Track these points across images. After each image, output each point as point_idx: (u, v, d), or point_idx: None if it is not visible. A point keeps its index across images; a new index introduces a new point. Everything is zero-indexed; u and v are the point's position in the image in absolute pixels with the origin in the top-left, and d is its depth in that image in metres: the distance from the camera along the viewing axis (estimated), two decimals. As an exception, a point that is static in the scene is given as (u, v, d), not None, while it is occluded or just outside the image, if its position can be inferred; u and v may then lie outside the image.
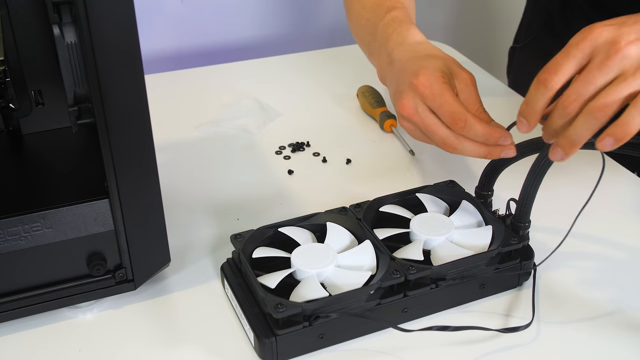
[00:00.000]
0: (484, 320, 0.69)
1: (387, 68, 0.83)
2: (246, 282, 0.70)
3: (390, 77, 0.82)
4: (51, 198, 0.66)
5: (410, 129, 0.77)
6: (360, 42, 0.95)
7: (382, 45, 0.85)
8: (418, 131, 0.76)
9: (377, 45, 0.87)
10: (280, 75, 1.20)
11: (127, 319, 0.70)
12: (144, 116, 0.63)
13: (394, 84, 0.80)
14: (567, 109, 0.63)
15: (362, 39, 0.94)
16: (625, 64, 0.60)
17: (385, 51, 0.84)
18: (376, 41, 0.87)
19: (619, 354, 0.66)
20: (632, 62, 0.60)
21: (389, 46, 0.83)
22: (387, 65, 0.83)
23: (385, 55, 0.84)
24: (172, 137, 1.01)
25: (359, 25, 0.94)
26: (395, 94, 0.78)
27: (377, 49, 0.87)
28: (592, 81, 0.61)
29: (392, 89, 0.81)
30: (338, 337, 0.67)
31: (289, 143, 1.00)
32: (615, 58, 0.60)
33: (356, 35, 0.97)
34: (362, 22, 0.93)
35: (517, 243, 0.71)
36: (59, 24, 0.59)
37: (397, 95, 0.77)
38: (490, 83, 1.18)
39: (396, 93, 0.78)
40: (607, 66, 0.61)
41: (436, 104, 0.72)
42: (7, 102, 0.69)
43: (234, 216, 0.85)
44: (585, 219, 0.84)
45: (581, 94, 0.62)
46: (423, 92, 0.73)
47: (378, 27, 0.87)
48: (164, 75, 1.21)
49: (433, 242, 0.72)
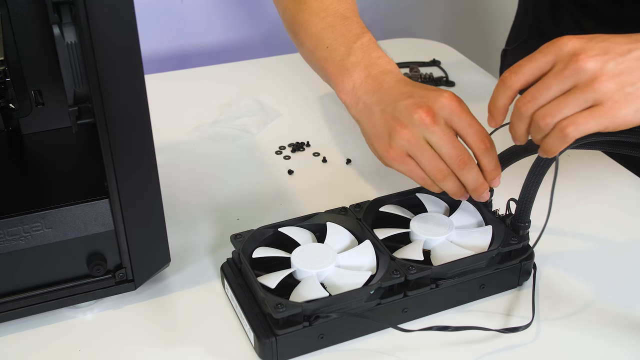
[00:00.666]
0: (484, 320, 0.69)
1: (368, 93, 0.77)
2: (246, 282, 0.70)
3: (377, 100, 0.75)
4: (51, 198, 0.66)
5: (411, 149, 0.72)
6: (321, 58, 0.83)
7: (363, 69, 0.78)
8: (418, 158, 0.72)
9: (348, 69, 0.79)
10: (280, 75, 1.20)
11: (127, 319, 0.70)
12: (144, 116, 0.63)
13: (384, 107, 0.74)
14: (521, 110, 0.64)
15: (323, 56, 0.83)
16: (580, 77, 0.61)
17: (370, 75, 0.78)
18: (348, 63, 0.79)
19: (619, 354, 0.66)
20: (587, 76, 0.61)
21: (370, 70, 0.78)
22: (371, 91, 0.76)
23: (370, 79, 0.77)
24: (172, 137, 1.01)
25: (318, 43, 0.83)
26: (392, 120, 0.72)
27: (349, 72, 0.79)
28: (547, 87, 0.63)
29: (378, 115, 0.74)
30: (338, 337, 0.67)
31: (289, 143, 1.00)
32: (571, 68, 0.62)
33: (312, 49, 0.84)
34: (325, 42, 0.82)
35: (517, 243, 0.71)
36: (59, 24, 0.59)
37: (393, 120, 0.72)
38: (489, 82, 1.18)
39: (393, 119, 0.72)
40: (563, 75, 0.62)
41: (468, 120, 0.70)
42: (7, 102, 0.69)
43: (234, 216, 0.85)
44: (585, 218, 0.85)
45: (535, 97, 0.64)
46: (454, 107, 0.70)
47: (352, 48, 0.80)
48: (164, 75, 1.21)
49: (433, 242, 0.72)
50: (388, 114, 0.73)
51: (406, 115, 0.71)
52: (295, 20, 0.85)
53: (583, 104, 0.62)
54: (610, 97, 0.61)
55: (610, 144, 0.70)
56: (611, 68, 0.61)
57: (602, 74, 0.61)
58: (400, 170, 0.73)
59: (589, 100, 0.61)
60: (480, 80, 1.19)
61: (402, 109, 0.72)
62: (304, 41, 0.84)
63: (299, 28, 0.85)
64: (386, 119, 0.73)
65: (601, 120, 0.61)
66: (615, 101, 0.61)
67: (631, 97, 0.61)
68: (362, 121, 0.77)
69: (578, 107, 0.62)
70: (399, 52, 1.27)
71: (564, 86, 0.62)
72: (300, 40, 0.85)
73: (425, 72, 1.19)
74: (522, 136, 0.67)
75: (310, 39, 0.83)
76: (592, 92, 0.61)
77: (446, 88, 1.16)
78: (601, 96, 0.61)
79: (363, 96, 0.77)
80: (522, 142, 0.68)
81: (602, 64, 0.61)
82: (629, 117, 0.61)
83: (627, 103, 0.61)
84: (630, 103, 0.61)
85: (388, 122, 0.73)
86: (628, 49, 0.62)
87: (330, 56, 0.80)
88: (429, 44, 1.34)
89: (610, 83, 0.61)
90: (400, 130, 0.71)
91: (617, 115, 0.61)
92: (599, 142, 0.70)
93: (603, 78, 0.61)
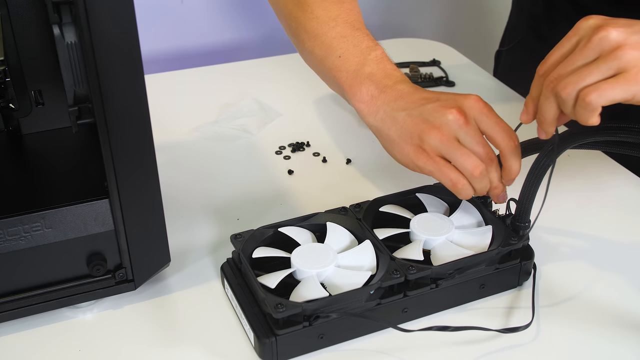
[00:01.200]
0: (484, 320, 0.69)
1: (388, 102, 0.77)
2: (246, 282, 0.70)
3: (400, 107, 0.76)
4: (51, 198, 0.66)
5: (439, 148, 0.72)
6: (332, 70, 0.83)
7: (380, 80, 0.79)
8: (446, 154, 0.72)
9: (363, 80, 0.80)
10: (280, 75, 1.20)
11: (127, 319, 0.70)
12: (144, 116, 0.63)
13: (409, 112, 0.75)
14: (548, 87, 0.64)
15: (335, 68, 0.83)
16: (603, 47, 0.62)
17: (387, 85, 0.78)
18: (364, 74, 0.80)
19: (619, 354, 0.66)
20: (611, 45, 0.61)
21: (387, 81, 0.79)
22: (392, 100, 0.77)
23: (388, 89, 0.78)
24: (172, 137, 1.01)
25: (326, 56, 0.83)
26: (422, 122, 0.73)
27: (364, 82, 0.79)
28: (572, 61, 0.63)
29: (404, 120, 0.75)
30: (338, 337, 0.67)
31: (289, 143, 1.00)
32: (595, 39, 0.62)
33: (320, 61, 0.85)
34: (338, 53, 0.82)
35: (517, 243, 0.71)
36: (59, 24, 0.59)
37: (423, 123, 0.73)
38: (489, 82, 1.18)
39: (422, 121, 0.73)
40: (587, 47, 0.62)
41: (496, 119, 0.71)
42: (7, 102, 0.69)
43: (234, 216, 0.85)
44: (585, 218, 0.85)
45: (560, 74, 0.63)
46: (482, 108, 0.71)
47: (367, 59, 0.80)
48: (164, 75, 1.21)
49: (433, 242, 0.72)
50: (416, 117, 0.74)
51: (437, 116, 0.72)
52: (303, 28, 0.85)
53: (607, 71, 0.61)
54: (635, 64, 0.60)
55: (610, 144, 0.70)
56: (635, 39, 0.61)
57: (626, 44, 0.61)
58: (431, 171, 0.73)
59: (612, 68, 0.61)
60: (480, 80, 1.19)
61: (432, 111, 0.72)
62: (313, 49, 0.84)
63: (307, 36, 0.84)
64: (414, 122, 0.74)
65: (627, 87, 0.61)
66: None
67: None
68: (385, 128, 0.77)
69: (601, 75, 0.61)
70: (399, 52, 1.27)
71: (588, 58, 0.62)
72: (308, 49, 0.85)
73: (425, 72, 1.19)
74: (550, 120, 0.66)
75: (321, 47, 0.83)
76: (616, 60, 0.61)
77: (446, 88, 1.16)
78: (626, 64, 0.61)
79: (383, 106, 0.77)
80: (549, 129, 0.67)
81: (625, 35, 0.61)
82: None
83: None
84: None
85: (417, 125, 0.73)
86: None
87: (344, 66, 0.81)
88: (429, 44, 1.34)
89: (636, 52, 0.61)
90: (432, 131, 0.72)
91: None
92: (599, 142, 0.70)
93: (627, 47, 0.61)
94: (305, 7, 0.85)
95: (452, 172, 0.72)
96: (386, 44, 1.34)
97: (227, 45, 1.50)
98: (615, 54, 0.61)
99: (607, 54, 0.61)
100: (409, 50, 1.29)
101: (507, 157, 0.71)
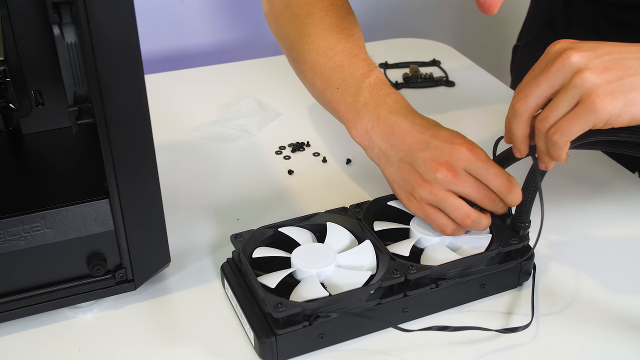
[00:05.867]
0: (484, 320, 0.69)
1: (382, 137, 0.76)
2: (246, 282, 0.70)
3: (393, 147, 0.75)
4: (51, 198, 0.66)
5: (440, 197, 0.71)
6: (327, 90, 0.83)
7: (373, 110, 0.77)
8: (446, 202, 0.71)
9: (359, 109, 0.78)
10: (280, 75, 1.20)
11: (127, 319, 0.70)
12: (144, 116, 0.63)
13: (402, 157, 0.74)
14: (514, 107, 0.66)
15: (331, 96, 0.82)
16: (566, 73, 0.62)
17: (382, 116, 0.77)
18: (359, 103, 0.78)
19: (618, 354, 0.66)
20: (571, 70, 0.61)
21: (380, 111, 0.77)
22: (385, 135, 0.75)
23: (381, 122, 0.76)
24: (172, 137, 1.01)
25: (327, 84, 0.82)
26: (413, 173, 0.72)
27: (360, 113, 0.78)
28: (536, 85, 0.63)
29: (397, 165, 0.74)
30: (338, 337, 0.67)
31: (289, 143, 1.00)
32: (557, 63, 0.62)
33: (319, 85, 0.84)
34: (335, 83, 0.81)
35: (517, 243, 0.71)
36: (59, 24, 0.59)
37: (415, 173, 0.72)
38: (489, 82, 1.18)
39: (413, 172, 0.72)
40: (550, 71, 0.62)
41: (485, 166, 0.69)
42: (7, 102, 0.69)
43: (234, 216, 0.85)
44: (585, 219, 0.85)
45: (526, 95, 0.64)
46: (471, 158, 0.69)
47: (360, 88, 0.79)
48: (164, 75, 1.21)
49: (426, 242, 0.72)
50: (407, 164, 0.73)
51: (427, 170, 0.71)
52: (303, 60, 0.84)
53: (570, 101, 0.61)
54: (593, 91, 0.60)
55: (610, 144, 0.70)
56: (596, 63, 0.61)
57: (585, 68, 0.60)
58: (420, 217, 0.73)
59: (574, 97, 0.61)
60: (480, 80, 1.19)
61: (422, 163, 0.71)
62: (314, 81, 0.83)
63: (307, 68, 0.84)
64: (407, 170, 0.73)
65: (585, 118, 0.60)
66: (599, 95, 0.60)
67: (617, 92, 0.60)
68: (381, 166, 0.77)
69: (566, 106, 0.62)
70: (399, 52, 1.27)
71: (553, 84, 0.63)
72: (309, 80, 0.85)
73: (425, 72, 1.19)
74: (520, 142, 0.67)
75: (320, 79, 0.82)
76: (575, 88, 0.60)
77: (446, 88, 1.16)
78: (584, 91, 0.60)
79: (377, 141, 0.76)
80: (521, 147, 0.68)
81: (587, 59, 0.61)
82: (616, 112, 0.60)
83: (613, 97, 0.60)
84: (617, 97, 0.60)
85: (410, 174, 0.73)
86: (619, 50, 0.62)
87: (341, 98, 0.80)
88: (429, 44, 1.34)
89: (593, 76, 0.60)
90: (423, 184, 0.71)
91: (602, 109, 0.60)
92: (599, 142, 0.70)
93: (586, 72, 0.60)
94: (305, 38, 0.84)
95: (441, 219, 0.71)
96: (386, 44, 1.35)
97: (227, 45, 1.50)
98: (574, 81, 0.61)
99: (567, 82, 0.61)
100: (409, 50, 1.29)
101: (506, 198, 0.71)
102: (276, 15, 0.89)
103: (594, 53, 0.61)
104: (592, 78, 0.60)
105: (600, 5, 1.03)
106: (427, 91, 1.16)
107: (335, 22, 0.84)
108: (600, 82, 0.60)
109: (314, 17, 0.84)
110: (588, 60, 0.61)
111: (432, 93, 1.15)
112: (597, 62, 0.61)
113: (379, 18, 1.63)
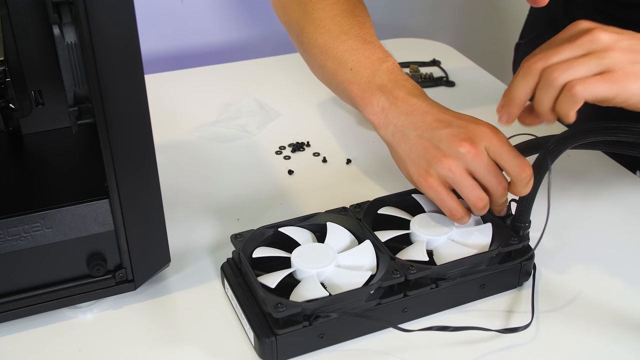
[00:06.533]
0: (484, 320, 0.69)
1: (399, 116, 0.76)
2: (246, 282, 0.70)
3: (412, 124, 0.75)
4: (51, 198, 0.66)
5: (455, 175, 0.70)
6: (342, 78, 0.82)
7: (391, 91, 0.78)
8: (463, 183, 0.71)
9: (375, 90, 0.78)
10: (280, 75, 1.20)
11: (127, 319, 0.70)
12: (144, 116, 0.63)
13: (420, 133, 0.73)
14: (532, 69, 0.65)
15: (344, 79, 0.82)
16: (594, 46, 0.64)
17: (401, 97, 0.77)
18: (375, 85, 0.79)
19: (618, 354, 0.66)
20: (601, 45, 0.63)
21: (399, 93, 0.77)
22: (403, 113, 0.76)
23: (400, 101, 0.76)
24: (172, 137, 1.01)
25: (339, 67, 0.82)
26: (433, 148, 0.72)
27: (376, 93, 0.78)
28: (561, 50, 0.65)
29: (414, 140, 0.74)
30: (338, 337, 0.67)
31: (289, 143, 1.00)
32: (586, 37, 0.64)
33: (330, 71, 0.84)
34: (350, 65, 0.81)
35: (517, 243, 0.71)
36: (59, 24, 0.59)
37: (434, 149, 0.71)
38: (489, 82, 1.18)
39: (433, 147, 0.72)
40: (577, 42, 0.64)
41: (508, 149, 0.69)
42: (7, 102, 0.69)
43: (234, 216, 0.85)
44: (585, 219, 0.85)
45: (547, 55, 0.65)
46: (494, 138, 0.69)
47: (378, 71, 0.79)
48: (164, 75, 1.21)
49: (435, 242, 0.72)
50: (427, 140, 0.72)
51: (449, 145, 0.70)
52: (314, 43, 0.85)
53: (594, 67, 0.63)
54: (622, 67, 0.62)
55: (610, 144, 0.70)
56: (624, 44, 0.63)
57: (615, 46, 0.63)
58: (432, 197, 0.72)
59: (600, 65, 0.63)
60: (480, 80, 1.19)
61: (443, 139, 0.71)
62: (325, 63, 0.83)
63: (318, 51, 0.84)
64: (425, 146, 0.72)
65: (612, 86, 0.62)
66: (627, 72, 0.62)
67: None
68: (395, 144, 0.76)
69: (588, 69, 0.63)
70: (399, 52, 1.26)
71: (577, 52, 0.64)
72: (320, 63, 0.84)
73: (425, 72, 1.19)
74: (519, 101, 0.67)
75: (333, 61, 0.82)
76: (605, 59, 0.63)
77: (446, 88, 1.16)
78: (614, 65, 0.63)
79: (394, 119, 0.76)
80: (514, 110, 0.68)
81: (615, 39, 0.64)
82: (638, 91, 0.62)
83: (638, 78, 0.62)
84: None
85: (428, 150, 0.72)
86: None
87: (355, 77, 0.80)
88: (429, 44, 1.34)
89: (623, 55, 0.63)
90: (443, 160, 0.70)
91: (628, 86, 0.62)
92: (599, 142, 0.70)
93: (616, 49, 0.63)
94: (317, 22, 0.85)
95: (451, 203, 0.71)
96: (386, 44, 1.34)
97: (227, 45, 1.50)
98: (605, 53, 0.63)
99: (597, 52, 0.63)
100: (409, 50, 1.29)
101: (518, 187, 0.70)
102: (284, 3, 0.90)
103: (620, 36, 0.64)
104: (622, 57, 0.63)
105: (602, 4, 1.03)
106: (427, 91, 1.14)
107: (347, 9, 0.85)
108: (629, 61, 0.63)
109: (326, 3, 0.85)
110: (616, 40, 0.64)
111: (432, 93, 1.14)
112: (625, 44, 0.63)
113: (379, 18, 1.62)
